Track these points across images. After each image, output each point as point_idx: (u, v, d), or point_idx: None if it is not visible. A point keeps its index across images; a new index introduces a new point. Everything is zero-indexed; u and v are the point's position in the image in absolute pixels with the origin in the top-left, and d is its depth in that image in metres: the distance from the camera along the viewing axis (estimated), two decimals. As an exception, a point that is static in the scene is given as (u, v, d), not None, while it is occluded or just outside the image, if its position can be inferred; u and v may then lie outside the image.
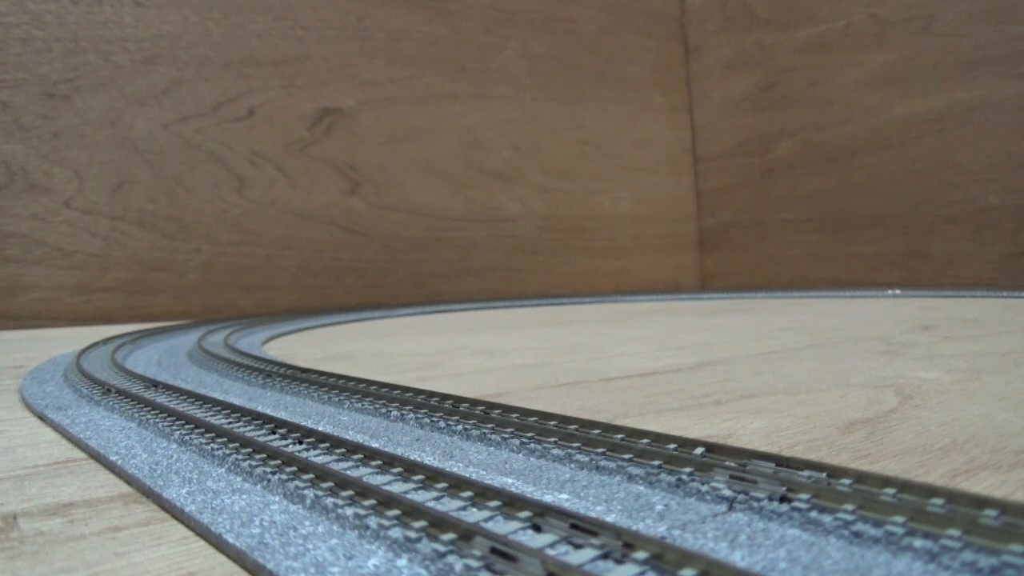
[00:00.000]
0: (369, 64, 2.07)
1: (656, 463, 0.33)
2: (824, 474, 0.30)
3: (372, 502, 0.29)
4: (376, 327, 1.44)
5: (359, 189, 2.04)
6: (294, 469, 0.34)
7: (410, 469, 0.33)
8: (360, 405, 0.52)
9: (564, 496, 0.32)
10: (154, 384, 0.61)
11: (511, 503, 0.28)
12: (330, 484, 0.32)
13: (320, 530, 0.28)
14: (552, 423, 0.41)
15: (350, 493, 0.30)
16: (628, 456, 0.35)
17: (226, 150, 1.89)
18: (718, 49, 2.48)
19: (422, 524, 0.26)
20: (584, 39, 2.40)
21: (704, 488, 0.30)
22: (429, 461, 0.38)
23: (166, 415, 0.48)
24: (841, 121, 2.11)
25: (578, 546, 0.25)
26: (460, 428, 0.43)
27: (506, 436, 0.40)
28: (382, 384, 0.56)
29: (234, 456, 0.38)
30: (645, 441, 0.36)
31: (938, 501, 0.26)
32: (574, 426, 0.40)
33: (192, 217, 1.84)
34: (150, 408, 0.51)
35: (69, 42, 1.72)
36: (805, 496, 0.28)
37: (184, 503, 0.32)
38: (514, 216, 2.26)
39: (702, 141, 2.56)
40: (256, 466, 0.36)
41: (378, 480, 0.32)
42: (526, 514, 0.27)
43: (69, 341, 1.17)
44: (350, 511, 0.29)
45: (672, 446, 0.35)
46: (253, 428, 0.44)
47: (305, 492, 0.31)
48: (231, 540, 0.28)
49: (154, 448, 0.42)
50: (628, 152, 2.47)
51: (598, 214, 2.40)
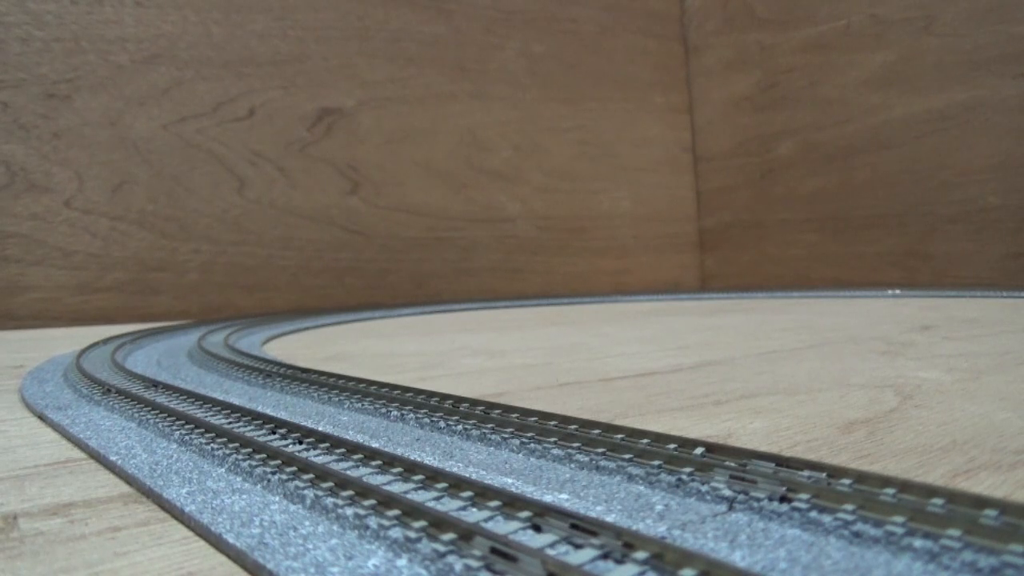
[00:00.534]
0: (369, 64, 2.07)
1: (656, 463, 0.33)
2: (824, 474, 0.30)
3: (372, 502, 0.29)
4: (376, 327, 1.44)
5: (359, 189, 2.04)
6: (294, 469, 0.34)
7: (410, 469, 0.33)
8: (360, 405, 0.52)
9: (564, 496, 0.32)
10: (154, 384, 0.61)
11: (511, 503, 0.28)
12: (330, 484, 0.32)
13: (320, 530, 0.28)
14: (552, 423, 0.41)
15: (350, 493, 0.30)
16: (628, 456, 0.35)
17: (226, 150, 1.89)
18: (718, 49, 2.48)
19: (422, 524, 0.26)
20: (584, 39, 2.40)
21: (704, 488, 0.30)
22: (429, 461, 0.38)
23: (166, 415, 0.48)
24: (841, 121, 2.11)
25: (578, 546, 0.25)
26: (460, 428, 0.43)
27: (506, 436, 0.40)
28: (382, 384, 0.56)
29: (234, 456, 0.38)
30: (645, 441, 0.36)
31: (938, 501, 0.26)
32: (574, 426, 0.40)
33: (192, 217, 1.84)
34: (150, 408, 0.51)
35: (69, 42, 1.72)
36: (805, 496, 0.28)
37: (184, 503, 0.32)
38: (514, 216, 2.26)
39: (702, 141, 2.56)
40: (256, 466, 0.36)
41: (378, 480, 0.32)
42: (526, 514, 0.27)
43: (69, 341, 1.17)
44: (350, 511, 0.29)
45: (672, 446, 0.35)
46: (253, 428, 0.44)
47: (305, 492, 0.31)
48: (231, 540, 0.28)
49: (154, 448, 0.42)
50: (628, 152, 2.47)
51: (598, 214, 2.40)
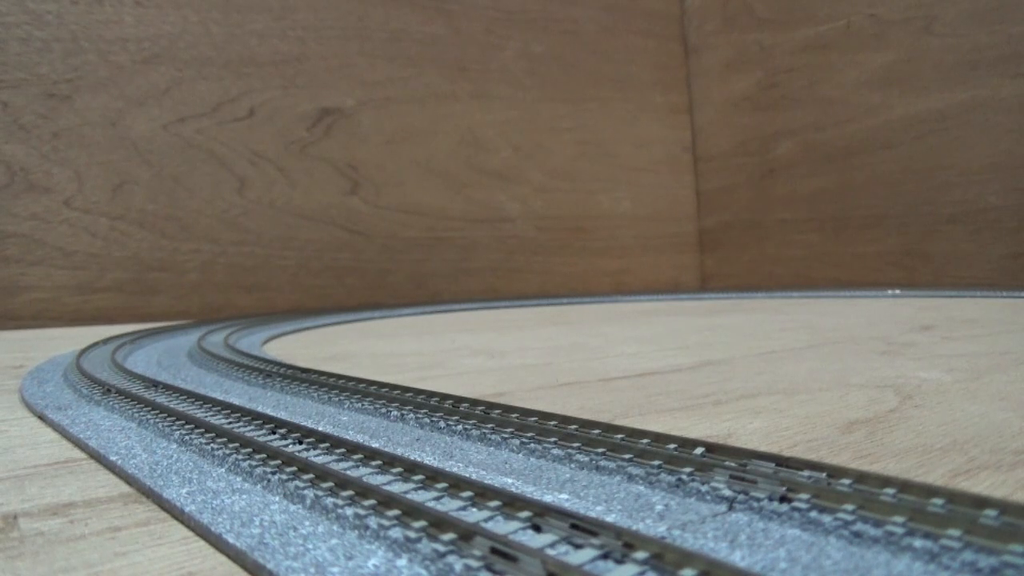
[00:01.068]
0: (369, 64, 2.07)
1: (656, 463, 0.33)
2: (824, 474, 0.30)
3: (372, 502, 0.29)
4: (376, 327, 1.44)
5: (359, 189, 2.04)
6: (294, 469, 0.34)
7: (410, 469, 0.33)
8: (360, 405, 0.52)
9: (564, 496, 0.32)
10: (154, 384, 0.61)
11: (511, 503, 0.28)
12: (330, 484, 0.32)
13: (320, 530, 0.28)
14: (552, 423, 0.41)
15: (350, 493, 0.30)
16: (628, 456, 0.35)
17: (226, 150, 1.89)
18: (718, 49, 2.48)
19: (422, 524, 0.26)
20: (584, 39, 2.40)
21: (704, 488, 0.30)
22: (429, 461, 0.38)
23: (166, 415, 0.48)
24: (841, 121, 2.11)
25: (578, 546, 0.25)
26: (460, 428, 0.43)
27: (506, 436, 0.40)
28: (382, 384, 0.56)
29: (234, 456, 0.38)
30: (645, 441, 0.36)
31: (938, 501, 0.26)
32: (574, 426, 0.40)
33: (192, 217, 1.84)
34: (150, 408, 0.51)
35: (69, 42, 1.72)
36: (805, 496, 0.28)
37: (184, 503, 0.32)
38: (514, 216, 2.26)
39: (702, 141, 2.56)
40: (256, 466, 0.36)
41: (378, 480, 0.32)
42: (526, 514, 0.27)
43: (69, 341, 1.17)
44: (350, 511, 0.29)
45: (672, 446, 0.35)
46: (253, 428, 0.44)
47: (305, 492, 0.31)
48: (231, 540, 0.28)
49: (154, 448, 0.42)
50: (628, 152, 2.47)
51: (598, 214, 2.40)
